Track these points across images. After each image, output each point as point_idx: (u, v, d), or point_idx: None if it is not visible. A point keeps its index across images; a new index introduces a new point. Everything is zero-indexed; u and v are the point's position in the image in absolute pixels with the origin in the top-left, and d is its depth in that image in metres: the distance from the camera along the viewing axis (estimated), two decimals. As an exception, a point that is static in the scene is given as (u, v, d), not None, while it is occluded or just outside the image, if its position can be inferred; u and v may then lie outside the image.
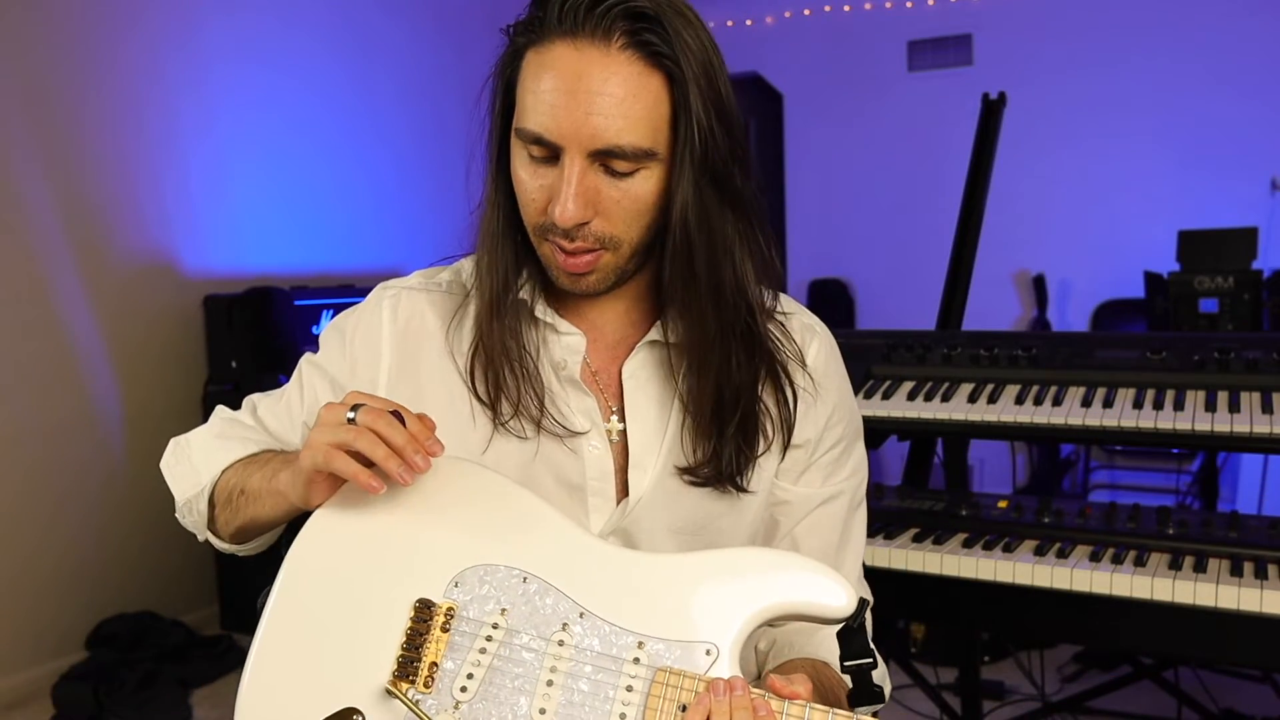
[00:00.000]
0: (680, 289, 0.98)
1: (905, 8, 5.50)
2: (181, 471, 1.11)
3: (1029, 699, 2.84)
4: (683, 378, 1.03)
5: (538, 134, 0.91)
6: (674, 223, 0.94)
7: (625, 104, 0.89)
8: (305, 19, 4.17)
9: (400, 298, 1.10)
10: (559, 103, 0.89)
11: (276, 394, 1.16)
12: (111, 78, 3.45)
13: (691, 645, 0.91)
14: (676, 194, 0.93)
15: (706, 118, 0.92)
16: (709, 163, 0.93)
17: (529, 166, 0.95)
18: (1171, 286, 3.15)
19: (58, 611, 3.28)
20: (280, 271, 4.00)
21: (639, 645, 0.91)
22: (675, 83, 0.91)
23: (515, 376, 1.01)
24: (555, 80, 0.90)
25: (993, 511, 1.94)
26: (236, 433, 1.12)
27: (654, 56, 0.90)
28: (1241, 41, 4.77)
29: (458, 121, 5.47)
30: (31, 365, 3.23)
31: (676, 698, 0.88)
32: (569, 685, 0.90)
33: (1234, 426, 1.69)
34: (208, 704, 3.11)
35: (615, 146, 0.90)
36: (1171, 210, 4.67)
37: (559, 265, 0.97)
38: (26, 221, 3.20)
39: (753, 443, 1.03)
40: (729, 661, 0.90)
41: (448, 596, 0.94)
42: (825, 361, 1.13)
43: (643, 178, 0.93)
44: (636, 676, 0.90)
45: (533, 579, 0.94)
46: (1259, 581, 1.57)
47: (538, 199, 0.95)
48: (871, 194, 5.54)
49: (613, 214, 0.94)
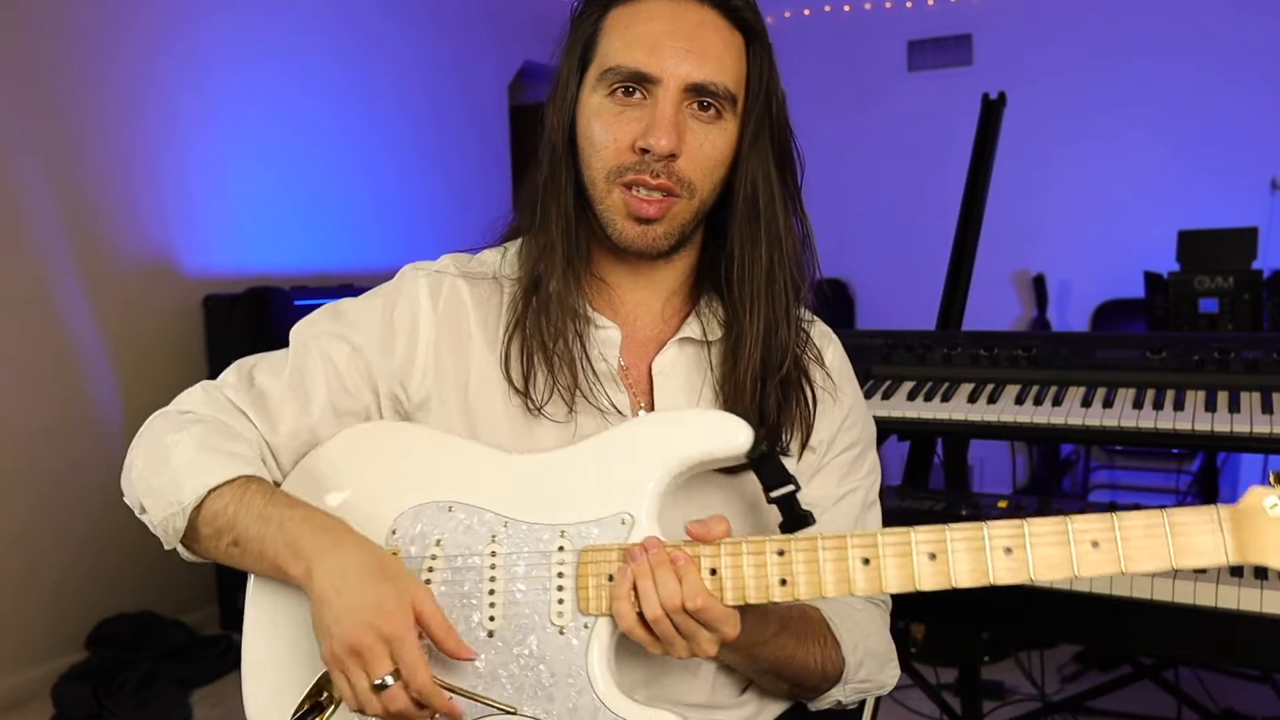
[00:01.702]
0: (744, 236, 1.02)
1: (905, 8, 5.50)
2: (159, 484, 0.99)
3: (1029, 699, 2.84)
4: (717, 365, 1.06)
5: (634, 69, 0.96)
6: (741, 177, 1.01)
7: (717, 48, 0.98)
8: (305, 19, 4.16)
9: (439, 281, 1.09)
10: (658, 40, 0.96)
11: (279, 364, 1.08)
12: (111, 77, 3.45)
13: (607, 521, 0.95)
14: (748, 151, 1.01)
15: (772, 85, 1.02)
16: (772, 129, 1.01)
17: (610, 111, 0.99)
18: (1171, 286, 3.15)
19: (58, 611, 3.28)
20: (280, 271, 3.99)
21: (561, 534, 0.96)
22: (753, 46, 1.01)
23: (550, 364, 1.03)
24: (653, 22, 0.97)
25: (993, 511, 1.94)
26: (220, 444, 1.00)
27: (736, 15, 1.00)
28: (1241, 42, 4.76)
29: (458, 121, 5.49)
30: (31, 365, 3.23)
31: (603, 570, 0.93)
32: (509, 588, 0.95)
33: (1234, 426, 1.69)
34: (208, 704, 3.11)
35: (709, 82, 0.97)
36: (1171, 210, 4.67)
37: (631, 210, 0.99)
38: (26, 221, 3.20)
39: (791, 405, 1.05)
40: (648, 525, 0.94)
41: (389, 543, 0.99)
42: (841, 367, 1.16)
43: (721, 129, 1.00)
44: (564, 562, 0.95)
45: (458, 506, 0.99)
46: (1259, 581, 1.57)
47: (620, 139, 0.98)
48: (871, 194, 5.54)
49: (695, 158, 0.99)
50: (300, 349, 1.08)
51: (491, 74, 5.18)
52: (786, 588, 0.90)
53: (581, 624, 0.92)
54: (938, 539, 0.88)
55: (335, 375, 1.06)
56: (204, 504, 0.98)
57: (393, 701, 0.86)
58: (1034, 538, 0.86)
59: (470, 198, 4.89)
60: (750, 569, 0.90)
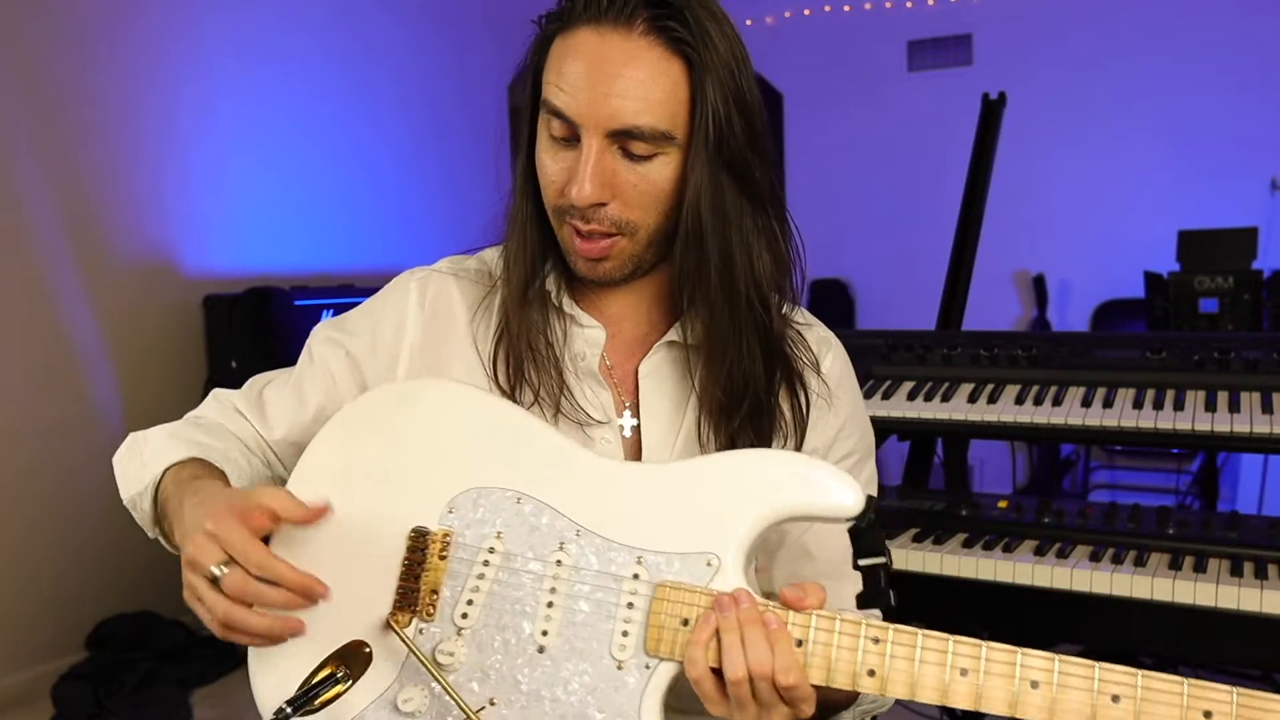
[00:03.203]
0: (693, 271, 0.98)
1: (905, 8, 5.50)
2: (133, 468, 1.05)
3: (1029, 699, 2.83)
4: (697, 373, 1.03)
5: (558, 108, 0.93)
6: (686, 206, 0.96)
7: (644, 86, 0.91)
8: (305, 19, 4.16)
9: (429, 280, 1.10)
10: (580, 83, 0.92)
11: (287, 374, 1.13)
12: (111, 78, 3.45)
13: (691, 558, 0.87)
14: (690, 179, 0.95)
15: (724, 107, 0.93)
16: (725, 151, 0.94)
17: (551, 149, 0.97)
18: (1171, 286, 3.16)
19: (58, 611, 3.28)
20: (280, 271, 3.99)
21: (638, 560, 0.88)
22: (694, 70, 0.93)
23: (536, 365, 1.02)
24: (578, 61, 0.93)
25: (993, 511, 1.94)
26: (189, 434, 1.06)
27: (674, 43, 0.92)
28: (1241, 41, 4.77)
29: (458, 121, 5.49)
30: (31, 365, 3.23)
31: (678, 612, 0.85)
32: (569, 605, 0.88)
33: (1234, 426, 1.69)
34: (208, 704, 3.11)
35: (633, 127, 0.92)
36: (1171, 210, 4.67)
37: (576, 250, 0.98)
38: (26, 222, 3.20)
39: (764, 436, 1.03)
40: (733, 572, 0.86)
41: (443, 523, 0.93)
42: (840, 374, 1.13)
43: (660, 163, 0.95)
44: (637, 593, 0.87)
45: (527, 499, 0.93)
46: (1259, 581, 1.57)
47: (557, 180, 0.96)
48: (871, 194, 5.54)
49: (630, 198, 0.95)
50: (304, 357, 1.12)
51: (491, 74, 5.18)
52: (874, 680, 0.82)
53: (643, 663, 0.85)
54: (1046, 668, 0.79)
55: (330, 380, 1.08)
56: (160, 483, 1.01)
57: (232, 586, 0.83)
58: (1144, 690, 0.78)
59: (470, 198, 4.89)
60: (840, 650, 0.83)
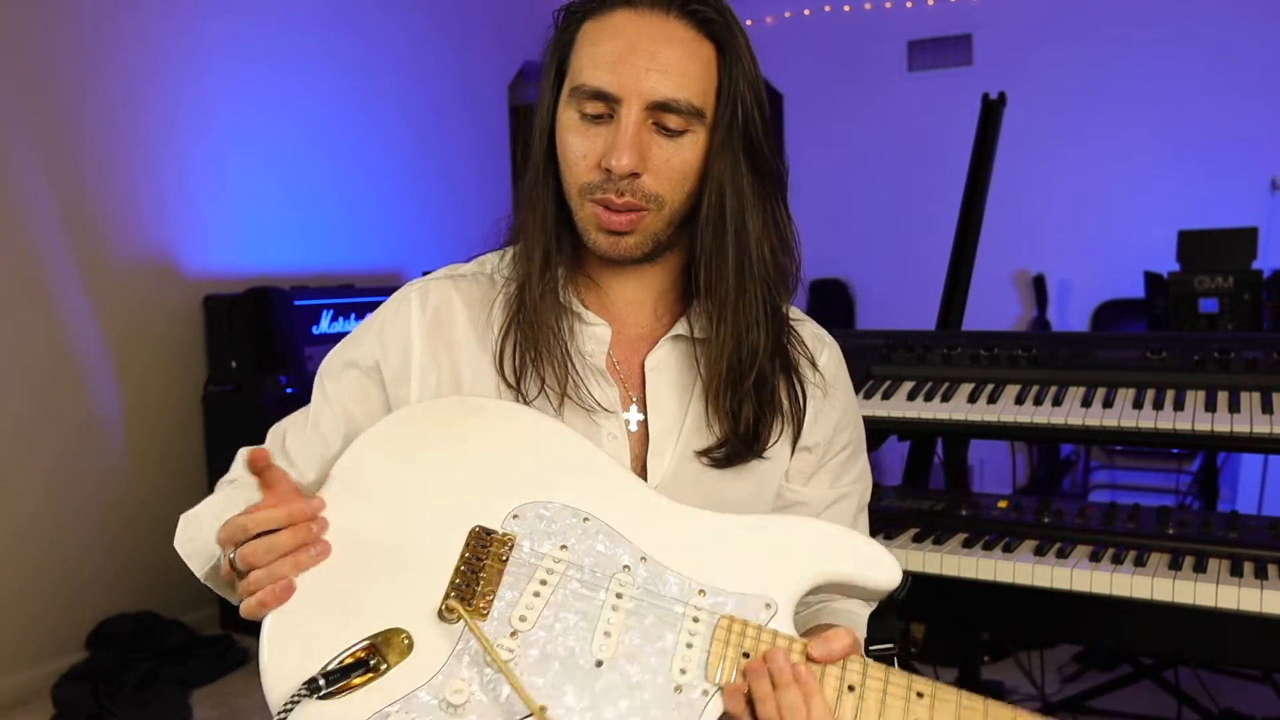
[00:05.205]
0: (711, 248, 1.02)
1: (905, 8, 5.50)
2: (197, 548, 1.08)
3: (1029, 699, 2.84)
4: (703, 360, 1.06)
5: (598, 88, 0.96)
6: (710, 184, 1.00)
7: (682, 62, 0.97)
8: (304, 19, 4.16)
9: (428, 288, 1.11)
10: (620, 58, 0.96)
11: (303, 417, 1.13)
12: (110, 77, 3.45)
13: (751, 598, 0.91)
14: (714, 159, 0.99)
15: (749, 92, 1.00)
16: (746, 135, 1.00)
17: (579, 128, 0.99)
18: (1171, 286, 3.16)
19: (58, 611, 3.28)
20: (280, 271, 4.00)
21: (700, 593, 0.91)
22: (723, 54, 0.99)
23: (542, 360, 1.03)
24: (616, 40, 0.97)
25: (993, 511, 1.94)
26: (236, 497, 1.07)
27: (705, 25, 0.98)
28: (1242, 41, 4.77)
29: (458, 121, 5.49)
30: (31, 365, 3.23)
31: (741, 644, 0.88)
32: (629, 626, 0.89)
33: (1234, 426, 1.70)
34: (208, 704, 3.11)
35: (671, 100, 0.96)
36: (1171, 210, 4.67)
37: (601, 224, 1.00)
38: (26, 221, 3.20)
39: (767, 408, 1.05)
40: (786, 618, 0.90)
41: (506, 528, 0.94)
42: (835, 369, 1.16)
43: (690, 140, 0.99)
44: (699, 623, 0.89)
45: (594, 520, 0.95)
46: (1259, 581, 1.58)
47: (589, 155, 0.99)
48: (871, 194, 5.54)
49: (661, 173, 0.98)
50: (317, 395, 1.12)
51: (491, 74, 5.18)
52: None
53: (702, 689, 0.87)
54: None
55: (344, 408, 1.09)
56: None
57: (244, 556, 0.88)
58: None
59: (470, 197, 4.89)
60: (890, 699, 0.86)
